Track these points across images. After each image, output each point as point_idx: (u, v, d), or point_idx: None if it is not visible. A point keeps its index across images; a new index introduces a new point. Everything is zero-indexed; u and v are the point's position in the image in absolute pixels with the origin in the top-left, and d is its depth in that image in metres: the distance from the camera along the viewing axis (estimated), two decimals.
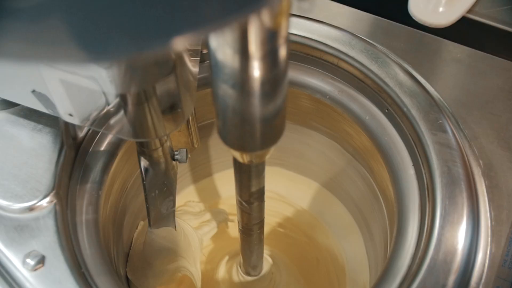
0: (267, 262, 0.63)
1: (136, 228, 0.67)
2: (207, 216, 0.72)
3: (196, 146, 0.60)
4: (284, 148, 0.72)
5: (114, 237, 0.55)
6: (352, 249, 0.72)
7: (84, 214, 0.47)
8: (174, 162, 0.52)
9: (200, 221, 0.72)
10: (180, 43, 0.17)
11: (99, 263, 0.44)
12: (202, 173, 0.78)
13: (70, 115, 0.41)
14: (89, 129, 0.50)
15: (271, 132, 0.32)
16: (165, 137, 0.47)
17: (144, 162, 0.49)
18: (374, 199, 0.61)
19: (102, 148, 0.51)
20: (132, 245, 0.65)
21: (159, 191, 0.53)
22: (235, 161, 0.38)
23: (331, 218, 0.75)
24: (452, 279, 0.40)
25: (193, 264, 0.64)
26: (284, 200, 0.78)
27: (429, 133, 0.47)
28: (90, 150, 0.50)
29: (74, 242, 0.44)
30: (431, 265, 0.41)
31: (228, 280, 0.65)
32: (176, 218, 0.60)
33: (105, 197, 0.50)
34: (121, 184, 0.56)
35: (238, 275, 0.62)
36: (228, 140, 0.33)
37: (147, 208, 0.55)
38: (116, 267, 0.54)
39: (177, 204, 0.59)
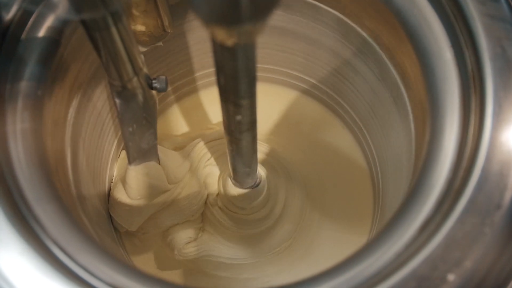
0: (262, 171, 0.53)
1: (118, 157, 0.59)
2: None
3: (169, 30, 0.49)
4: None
5: (73, 160, 0.44)
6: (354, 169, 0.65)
7: (18, 123, 0.36)
8: (153, 91, 0.45)
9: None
10: None
11: (40, 187, 0.33)
12: (181, 73, 0.65)
13: None
14: (19, 9, 0.38)
15: None
16: (120, 13, 0.35)
17: (116, 95, 0.41)
18: (391, 95, 0.49)
19: (40, 34, 0.39)
20: (113, 179, 0.58)
21: (137, 125, 0.47)
22: (215, 44, 0.27)
23: (331, 139, 0.68)
24: (509, 196, 0.31)
25: (184, 187, 0.56)
26: (274, 115, 0.69)
27: (474, 2, 0.36)
28: (23, 37, 0.38)
29: (4, 161, 0.34)
30: (482, 179, 0.31)
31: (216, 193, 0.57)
32: (158, 146, 0.52)
33: (49, 100, 0.38)
34: (75, 84, 0.44)
35: (229, 188, 0.53)
36: (202, 9, 0.22)
37: (125, 144, 0.49)
38: (80, 196, 0.44)
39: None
